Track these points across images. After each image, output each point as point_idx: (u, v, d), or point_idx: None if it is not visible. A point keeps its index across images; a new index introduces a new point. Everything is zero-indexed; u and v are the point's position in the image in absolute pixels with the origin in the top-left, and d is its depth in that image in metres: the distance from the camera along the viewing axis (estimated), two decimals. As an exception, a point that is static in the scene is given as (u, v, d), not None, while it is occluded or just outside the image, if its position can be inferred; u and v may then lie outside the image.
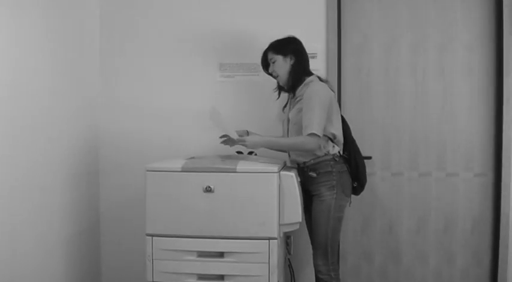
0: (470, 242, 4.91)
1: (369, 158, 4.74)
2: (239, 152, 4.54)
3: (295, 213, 3.91)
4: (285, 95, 4.35)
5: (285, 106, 4.33)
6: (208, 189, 3.86)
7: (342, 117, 4.16)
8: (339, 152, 4.04)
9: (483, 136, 4.85)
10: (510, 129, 4.67)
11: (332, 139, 4.01)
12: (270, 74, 4.21)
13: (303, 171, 4.10)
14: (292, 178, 3.92)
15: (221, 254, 3.91)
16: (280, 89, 4.29)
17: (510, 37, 4.63)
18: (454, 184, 4.89)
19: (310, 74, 4.12)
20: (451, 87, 4.86)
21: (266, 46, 4.25)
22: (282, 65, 4.09)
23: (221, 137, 4.16)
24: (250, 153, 4.52)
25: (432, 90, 4.87)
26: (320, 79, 4.09)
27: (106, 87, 5.04)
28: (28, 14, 3.89)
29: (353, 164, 4.12)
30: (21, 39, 3.81)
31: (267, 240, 3.85)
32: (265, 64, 4.21)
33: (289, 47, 4.10)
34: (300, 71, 4.08)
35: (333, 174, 3.98)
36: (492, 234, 4.88)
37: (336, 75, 4.74)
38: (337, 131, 4.02)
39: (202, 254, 3.92)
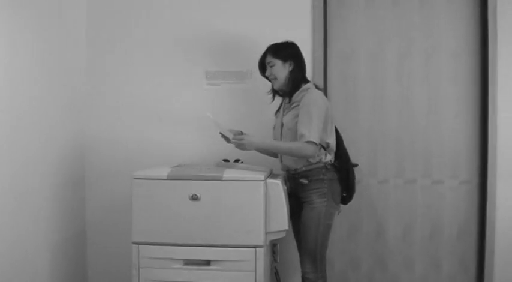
0: (456, 248, 4.95)
1: (355, 165, 4.75)
2: (225, 160, 4.54)
3: (281, 221, 3.94)
4: (271, 99, 4.38)
5: (278, 111, 4.36)
6: (194, 197, 3.88)
7: (335, 126, 4.19)
8: (330, 160, 4.08)
9: (468, 143, 4.90)
10: (495, 137, 4.72)
11: (325, 148, 4.04)
12: (266, 77, 4.23)
13: (293, 177, 4.12)
14: (278, 186, 3.95)
15: (208, 262, 3.94)
16: (274, 92, 4.31)
17: (495, 45, 4.68)
18: (440, 191, 4.93)
19: (307, 80, 4.16)
20: (437, 95, 4.91)
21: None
22: (281, 69, 4.09)
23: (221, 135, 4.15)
24: (237, 161, 4.53)
25: (418, 98, 4.92)
26: (316, 87, 4.12)
27: (92, 92, 5.03)
28: (11, 13, 3.88)
29: (344, 174, 4.16)
30: (2, 39, 3.79)
31: (254, 248, 3.88)
32: (263, 67, 4.22)
33: (288, 52, 4.12)
34: (299, 77, 4.10)
35: (324, 181, 4.00)
36: (478, 240, 4.92)
37: (322, 83, 4.75)
38: (331, 140, 4.05)
39: (188, 262, 3.95)
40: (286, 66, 4.09)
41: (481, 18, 4.84)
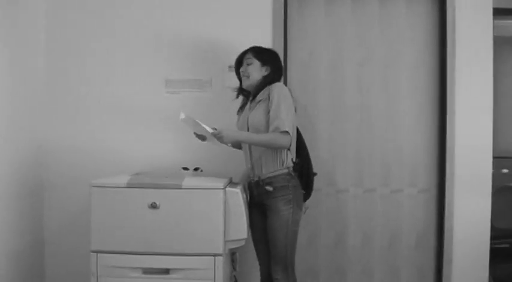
0: (415, 257, 5.08)
1: (314, 174, 4.74)
2: (185, 168, 4.64)
3: (240, 229, 4.04)
4: (235, 97, 4.46)
5: (240, 109, 4.43)
6: (153, 206, 3.94)
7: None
8: (292, 160, 4.16)
9: (427, 152, 5.08)
10: (453, 146, 4.88)
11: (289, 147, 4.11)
12: (238, 75, 4.32)
13: (257, 185, 4.17)
14: (237, 194, 4.04)
15: (167, 271, 3.99)
16: (241, 91, 4.39)
17: (453, 57, 4.85)
18: (399, 200, 5.09)
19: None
20: (396, 104, 5.08)
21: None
22: (257, 70, 4.20)
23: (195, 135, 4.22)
24: (196, 169, 4.63)
25: (377, 107, 5.08)
26: None
27: (50, 97, 5.05)
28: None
29: (305, 172, 4.25)
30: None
31: (213, 257, 3.95)
32: (240, 62, 4.31)
33: (269, 57, 4.26)
34: (268, 81, 4.18)
35: (289, 188, 4.08)
36: (436, 249, 5.07)
37: (281, 91, 4.81)
38: (295, 134, 4.18)
39: (147, 271, 4.00)
40: (262, 70, 4.21)
41: (440, 29, 5.00)
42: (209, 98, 4.91)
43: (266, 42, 4.77)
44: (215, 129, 4.00)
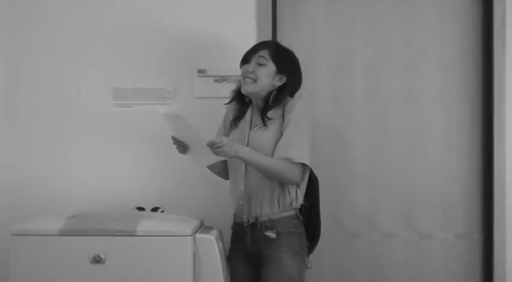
0: (454, 325, 4.96)
1: None
2: (140, 208, 4.50)
3: (216, 290, 3.88)
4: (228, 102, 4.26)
5: (234, 123, 4.14)
6: (97, 260, 3.69)
7: None
8: (301, 202, 3.96)
9: (467, 184, 4.87)
10: (503, 177, 4.68)
11: (298, 184, 3.96)
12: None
13: (254, 228, 3.92)
14: (211, 243, 3.82)
15: None
16: (238, 97, 4.14)
17: (502, 56, 4.67)
18: (429, 248, 4.87)
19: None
20: (423, 120, 4.89)
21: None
22: (269, 76, 3.92)
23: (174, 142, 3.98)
24: (155, 209, 4.49)
25: (397, 123, 4.91)
26: None
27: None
28: None
29: (313, 218, 4.04)
30: None
31: (179, 328, 3.81)
32: (249, 56, 4.01)
33: (290, 64, 4.02)
34: (284, 96, 3.97)
35: (296, 236, 3.89)
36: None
37: (271, 103, 4.65)
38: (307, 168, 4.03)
39: None
40: (275, 78, 3.95)
41: (484, 19, 4.84)
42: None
43: (249, 39, 4.64)
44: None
